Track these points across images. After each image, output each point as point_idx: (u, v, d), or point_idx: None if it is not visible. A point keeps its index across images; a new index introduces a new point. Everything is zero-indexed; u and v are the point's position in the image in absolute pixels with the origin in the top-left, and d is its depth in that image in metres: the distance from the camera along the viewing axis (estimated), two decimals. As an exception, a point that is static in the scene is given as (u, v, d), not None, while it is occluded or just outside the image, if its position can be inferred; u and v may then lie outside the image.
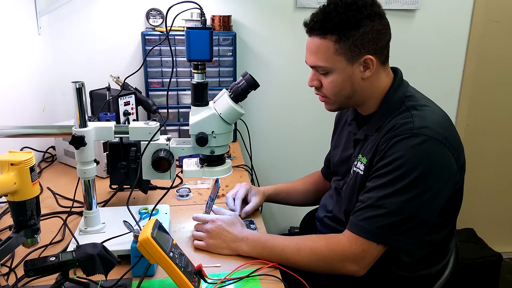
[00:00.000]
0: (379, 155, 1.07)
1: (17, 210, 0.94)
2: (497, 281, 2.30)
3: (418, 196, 1.02)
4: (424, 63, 2.26)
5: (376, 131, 1.13)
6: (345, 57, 1.08)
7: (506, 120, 2.50)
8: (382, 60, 1.12)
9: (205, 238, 1.18)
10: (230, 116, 1.13)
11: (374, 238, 1.04)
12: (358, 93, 1.14)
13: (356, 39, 1.06)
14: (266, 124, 2.24)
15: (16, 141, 1.56)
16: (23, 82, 1.71)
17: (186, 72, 1.91)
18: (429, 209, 1.05)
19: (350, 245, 1.06)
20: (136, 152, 1.21)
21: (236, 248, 1.15)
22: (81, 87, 1.12)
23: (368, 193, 1.07)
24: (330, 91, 1.14)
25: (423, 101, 1.13)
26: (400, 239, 1.04)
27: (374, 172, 1.08)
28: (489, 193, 2.56)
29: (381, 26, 1.08)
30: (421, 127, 1.03)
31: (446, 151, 1.04)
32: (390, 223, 1.03)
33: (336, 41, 1.07)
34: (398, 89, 1.15)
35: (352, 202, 1.16)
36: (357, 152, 1.21)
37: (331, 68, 1.11)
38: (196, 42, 1.09)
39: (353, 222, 1.08)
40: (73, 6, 1.93)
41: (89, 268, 0.92)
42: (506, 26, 2.33)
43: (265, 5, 2.07)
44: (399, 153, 1.02)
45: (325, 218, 1.34)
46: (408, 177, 1.01)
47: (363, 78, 1.11)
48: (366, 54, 1.08)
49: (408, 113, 1.08)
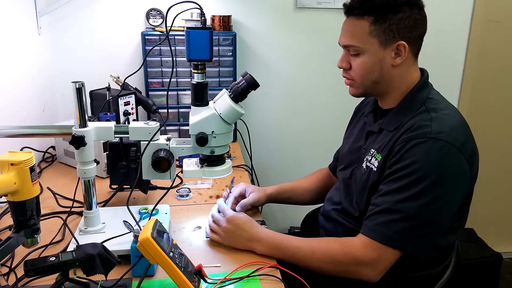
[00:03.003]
0: (394, 157, 1.06)
1: (17, 210, 0.94)
2: (497, 281, 2.30)
3: (434, 201, 1.01)
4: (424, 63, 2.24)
5: (395, 129, 1.12)
6: (379, 39, 1.09)
7: (506, 120, 2.50)
8: (415, 51, 1.12)
9: (220, 232, 1.19)
10: (230, 116, 1.13)
11: (390, 243, 1.03)
12: (386, 80, 1.13)
13: (392, 23, 1.07)
14: (266, 124, 2.24)
15: (16, 141, 1.56)
16: (23, 82, 1.71)
17: (186, 72, 1.91)
18: (444, 215, 1.05)
19: (366, 250, 1.05)
20: (136, 152, 1.21)
21: (251, 247, 1.16)
22: (81, 87, 1.12)
23: (383, 197, 1.06)
24: (359, 73, 1.14)
25: (443, 105, 1.12)
26: (416, 244, 1.03)
27: (389, 175, 1.07)
28: (489, 193, 2.56)
29: (419, 16, 1.09)
30: (439, 132, 1.03)
31: (461, 157, 1.03)
32: (406, 228, 1.02)
33: (373, 22, 1.08)
34: (422, 89, 1.15)
35: (364, 197, 1.16)
36: (368, 144, 1.21)
37: (363, 48, 1.11)
38: (196, 42, 1.09)
39: (368, 226, 1.07)
40: (73, 6, 1.93)
41: (89, 268, 0.92)
42: (506, 26, 2.33)
43: (265, 5, 2.07)
44: (415, 157, 1.02)
45: (333, 211, 1.32)
46: (424, 181, 1.01)
47: (393, 65, 1.11)
48: (400, 40, 1.08)
49: (427, 115, 1.07)
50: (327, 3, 2.04)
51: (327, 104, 2.23)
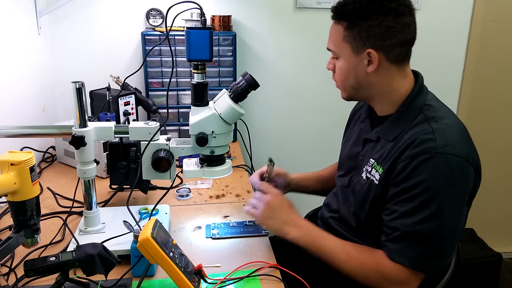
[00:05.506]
0: (401, 175, 1.03)
1: (17, 210, 0.94)
2: (497, 281, 2.30)
3: (449, 218, 1.01)
4: (424, 63, 2.24)
5: (394, 139, 1.09)
6: (351, 46, 1.09)
7: (506, 120, 2.50)
8: (392, 59, 1.09)
9: (261, 207, 1.18)
10: (230, 116, 1.13)
11: (417, 266, 1.02)
12: (364, 86, 1.12)
13: (361, 30, 1.06)
14: (266, 124, 2.24)
15: (16, 141, 1.56)
16: (23, 82, 1.71)
17: (186, 72, 1.91)
18: (459, 228, 1.05)
19: (398, 273, 1.03)
20: (136, 152, 1.22)
21: (285, 230, 1.15)
22: (81, 87, 1.12)
23: (401, 220, 1.03)
24: (338, 77, 1.16)
25: (442, 113, 1.10)
26: (439, 265, 1.03)
27: (399, 194, 1.04)
28: (489, 193, 2.55)
29: (394, 24, 1.06)
30: (444, 146, 1.00)
31: (470, 168, 1.02)
32: (430, 249, 1.01)
33: (346, 28, 1.08)
34: (418, 95, 1.12)
35: (364, 210, 1.15)
36: (366, 152, 1.19)
37: (338, 53, 1.12)
38: (196, 42, 1.09)
39: (395, 251, 1.04)
40: (73, 6, 1.93)
41: (89, 268, 0.92)
42: (506, 26, 2.33)
43: (265, 5, 2.07)
44: (424, 175, 1.00)
45: (331, 219, 1.32)
46: (437, 199, 0.99)
47: (367, 72, 1.09)
48: (370, 47, 1.06)
49: (428, 127, 1.05)
50: (327, 3, 2.03)
51: (327, 104, 2.23)
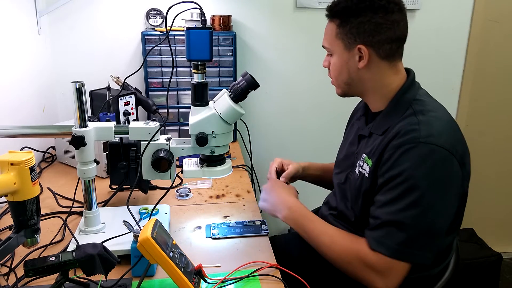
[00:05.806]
0: (385, 164, 1.05)
1: (17, 210, 0.94)
2: (497, 281, 2.30)
3: (430, 208, 1.01)
4: (424, 63, 2.26)
5: (383, 133, 1.11)
6: (343, 42, 1.13)
7: (506, 120, 2.50)
8: (382, 55, 1.11)
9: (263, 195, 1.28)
10: (230, 116, 1.13)
11: (397, 255, 1.02)
12: (356, 82, 1.16)
13: (352, 27, 1.10)
14: (266, 124, 2.24)
15: (16, 141, 1.56)
16: (23, 82, 1.71)
17: (186, 72, 1.91)
18: (443, 219, 1.04)
19: (378, 262, 1.03)
20: (136, 152, 1.22)
21: (278, 210, 1.23)
22: (81, 87, 1.12)
23: (382, 209, 1.05)
24: (332, 73, 1.20)
25: (431, 106, 1.11)
26: (421, 254, 1.02)
27: (383, 184, 1.06)
28: (489, 193, 2.56)
29: (383, 20, 1.08)
30: (428, 136, 1.01)
31: (453, 159, 1.02)
32: (408, 239, 1.01)
33: (338, 25, 1.13)
34: (408, 90, 1.14)
35: (358, 204, 1.16)
36: (360, 148, 1.21)
37: (332, 50, 1.17)
38: (196, 42, 1.09)
39: (374, 239, 1.05)
40: (73, 6, 1.93)
41: (89, 268, 0.92)
42: (506, 26, 2.33)
43: (265, 5, 2.07)
44: (406, 164, 1.01)
45: (330, 216, 1.33)
46: (418, 189, 1.00)
47: (359, 68, 1.13)
48: (360, 43, 1.10)
49: (414, 118, 1.06)
50: (327, 3, 2.03)
51: (327, 103, 2.23)
